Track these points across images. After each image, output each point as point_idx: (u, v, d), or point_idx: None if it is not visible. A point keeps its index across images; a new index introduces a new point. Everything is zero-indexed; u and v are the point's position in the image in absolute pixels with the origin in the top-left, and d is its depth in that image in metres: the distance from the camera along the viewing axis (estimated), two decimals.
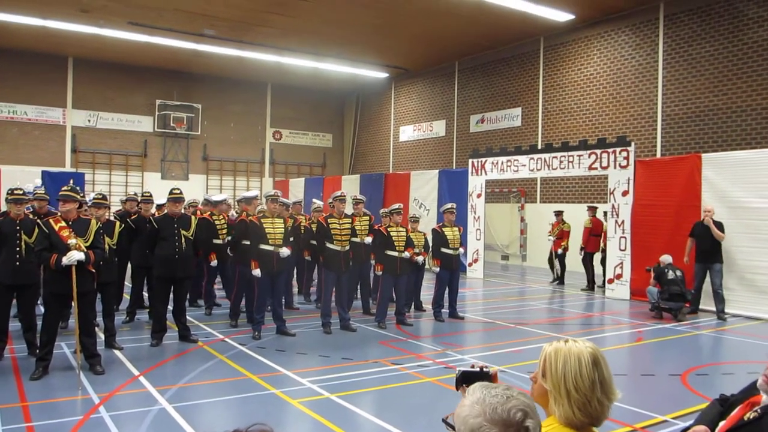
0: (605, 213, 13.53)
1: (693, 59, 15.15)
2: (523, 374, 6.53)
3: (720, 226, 10.11)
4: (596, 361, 1.83)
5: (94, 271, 6.47)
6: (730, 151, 13.08)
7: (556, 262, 14.97)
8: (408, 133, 24.76)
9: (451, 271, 10.10)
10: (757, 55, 13.96)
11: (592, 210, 14.21)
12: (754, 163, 10.66)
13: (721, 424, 2.37)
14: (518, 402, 1.42)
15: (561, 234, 14.66)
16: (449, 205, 10.40)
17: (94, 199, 7.87)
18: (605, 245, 13.36)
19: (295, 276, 11.93)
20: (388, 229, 9.63)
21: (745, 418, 2.22)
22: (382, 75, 24.81)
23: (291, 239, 8.97)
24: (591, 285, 13.85)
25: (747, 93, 14.16)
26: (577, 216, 15.37)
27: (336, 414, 5.38)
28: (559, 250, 14.72)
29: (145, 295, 9.81)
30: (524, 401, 1.44)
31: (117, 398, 5.69)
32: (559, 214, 14.84)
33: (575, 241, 14.78)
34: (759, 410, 2.21)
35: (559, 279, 14.78)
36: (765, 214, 10.40)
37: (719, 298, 10.35)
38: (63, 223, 6.32)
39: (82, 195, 7.92)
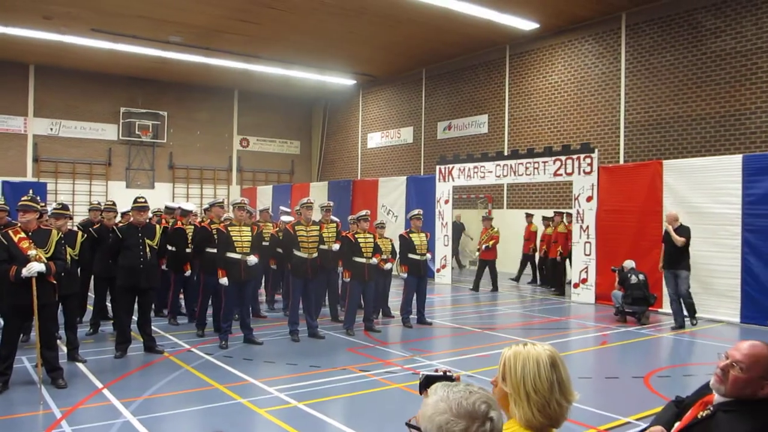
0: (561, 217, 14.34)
1: (654, 68, 15.51)
2: (490, 379, 6.57)
3: (685, 230, 10.11)
4: (554, 363, 1.86)
5: (55, 282, 6.35)
6: (690, 158, 13.41)
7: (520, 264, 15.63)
8: (376, 139, 24.82)
9: (419, 276, 10.14)
10: (715, 65, 14.35)
11: (560, 216, 14.49)
12: (712, 170, 10.94)
13: (677, 425, 2.43)
14: (481, 395, 1.47)
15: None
16: (416, 212, 10.46)
17: (54, 209, 7.72)
18: (563, 251, 14.15)
19: (262, 284, 11.85)
20: (356, 236, 9.64)
21: (699, 416, 2.29)
22: (349, 82, 24.85)
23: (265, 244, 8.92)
24: (562, 289, 14.07)
25: (706, 101, 14.54)
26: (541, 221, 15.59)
27: (304, 422, 5.36)
28: (529, 252, 15.33)
29: (109, 306, 9.64)
30: (486, 394, 1.49)
31: (80, 412, 5.58)
32: (530, 216, 15.56)
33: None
34: (711, 408, 2.28)
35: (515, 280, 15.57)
36: (722, 219, 10.68)
37: (687, 306, 10.28)
38: (23, 234, 6.19)
39: (43, 205, 7.76)
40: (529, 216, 15.86)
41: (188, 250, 9.96)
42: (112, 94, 23.73)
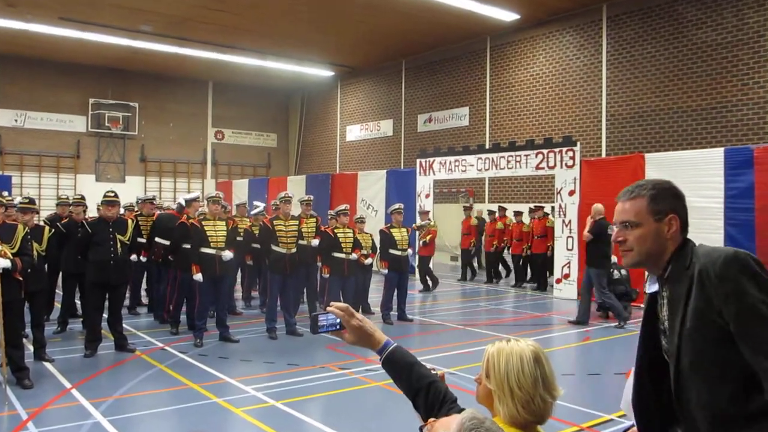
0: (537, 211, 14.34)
1: (636, 60, 15.65)
2: (473, 376, 6.59)
3: (599, 226, 9.93)
4: (537, 358, 1.87)
5: (21, 279, 6.23)
6: (672, 151, 13.57)
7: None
8: (355, 132, 24.77)
9: (400, 272, 10.14)
10: (696, 57, 14.52)
11: (540, 210, 14.45)
12: (693, 163, 11.08)
13: None
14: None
15: (493, 231, 15.11)
16: (397, 206, 10.46)
17: (20, 203, 7.59)
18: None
19: (238, 280, 11.79)
20: (335, 231, 9.61)
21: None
22: (327, 73, 24.75)
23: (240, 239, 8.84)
24: (543, 285, 14.11)
25: (687, 94, 14.71)
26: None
27: (281, 422, 5.32)
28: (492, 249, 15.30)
29: (78, 303, 9.51)
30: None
31: (47, 413, 5.49)
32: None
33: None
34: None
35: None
36: (705, 213, 10.81)
37: (600, 307, 10.47)
38: None
39: (9, 198, 7.62)
40: (501, 209, 15.55)
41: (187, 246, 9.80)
42: (80, 84, 23.37)
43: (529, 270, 15.12)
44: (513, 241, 14.73)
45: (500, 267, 15.82)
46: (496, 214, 15.43)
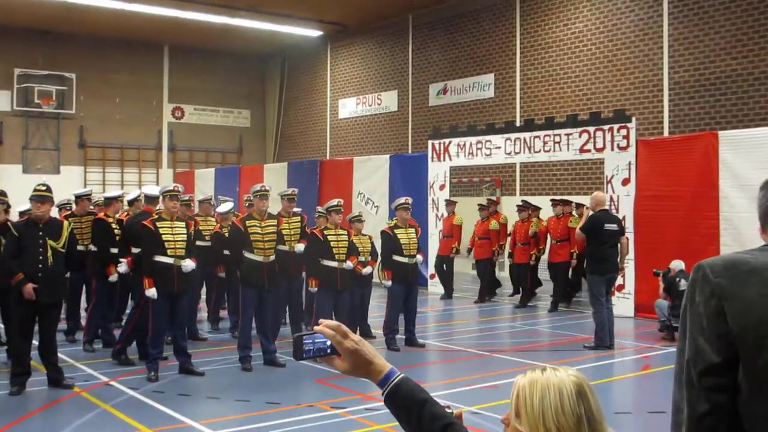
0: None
1: (706, 14, 15.59)
2: (499, 415, 6.57)
3: (594, 219, 9.85)
4: (581, 392, 1.85)
5: None
6: (753, 128, 13.51)
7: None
8: (349, 107, 24.75)
9: (407, 285, 10.11)
10: None
11: (568, 205, 14.01)
12: None
13: None
14: None
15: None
16: (403, 200, 10.42)
17: None
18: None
19: (203, 297, 11.80)
20: (325, 233, 9.59)
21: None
22: (313, 33, 24.72)
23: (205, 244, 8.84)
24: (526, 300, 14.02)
25: None
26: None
27: None
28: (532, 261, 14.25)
29: (1, 327, 9.53)
30: None
31: None
32: (527, 208, 14.40)
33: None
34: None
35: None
36: None
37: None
38: None
39: None
40: (525, 205, 14.58)
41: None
42: (2, 51, 23.38)
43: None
44: (516, 246, 14.25)
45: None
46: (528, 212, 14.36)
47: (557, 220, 13.87)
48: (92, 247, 9.91)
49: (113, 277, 9.48)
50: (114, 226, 9.85)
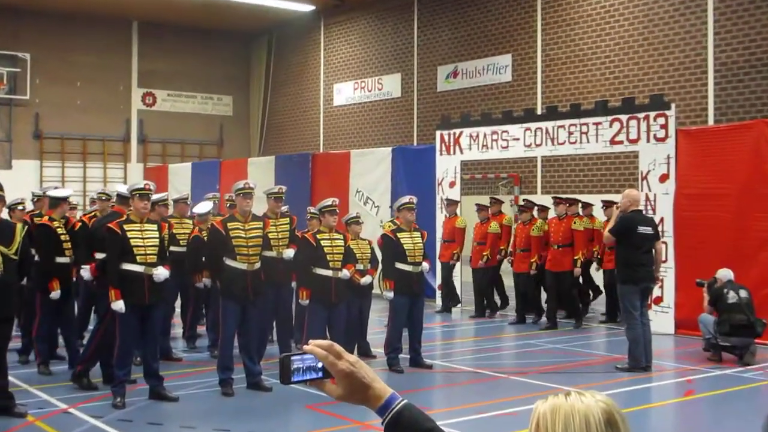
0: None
1: None
2: None
3: (625, 221, 9.87)
4: (611, 420, 1.85)
5: None
6: None
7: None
8: (346, 93, 24.79)
9: (412, 297, 10.08)
10: None
11: (574, 205, 13.88)
12: None
13: None
14: None
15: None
16: (407, 200, 10.39)
17: None
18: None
19: (177, 310, 11.77)
20: (318, 237, 9.56)
21: None
22: (305, 7, 24.75)
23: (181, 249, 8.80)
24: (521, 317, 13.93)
25: None
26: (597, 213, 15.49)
27: None
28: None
29: None
30: None
31: None
32: (530, 208, 14.27)
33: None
34: None
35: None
36: None
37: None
38: None
39: None
40: (529, 205, 14.41)
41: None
42: None
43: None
44: (516, 252, 14.22)
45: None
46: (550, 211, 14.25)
47: (559, 222, 13.70)
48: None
49: (55, 294, 9.26)
50: (60, 231, 9.72)
